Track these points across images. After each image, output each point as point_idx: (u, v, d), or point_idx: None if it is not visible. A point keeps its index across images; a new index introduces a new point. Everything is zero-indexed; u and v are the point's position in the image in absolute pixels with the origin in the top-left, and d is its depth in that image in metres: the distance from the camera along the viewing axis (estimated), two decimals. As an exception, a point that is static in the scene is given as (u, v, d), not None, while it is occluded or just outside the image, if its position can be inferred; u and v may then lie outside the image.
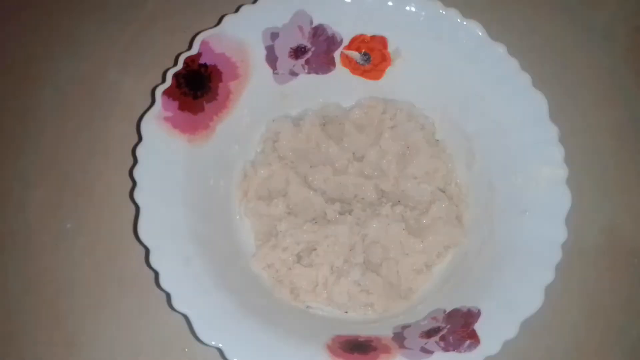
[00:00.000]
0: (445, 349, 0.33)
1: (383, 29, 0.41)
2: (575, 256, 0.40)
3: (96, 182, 0.43)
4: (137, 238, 0.34)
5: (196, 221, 0.36)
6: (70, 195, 0.43)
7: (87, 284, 0.41)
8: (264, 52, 0.40)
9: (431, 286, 0.39)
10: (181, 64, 0.37)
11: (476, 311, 0.34)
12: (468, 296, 0.35)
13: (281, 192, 0.41)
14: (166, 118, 0.36)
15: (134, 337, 0.40)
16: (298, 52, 0.40)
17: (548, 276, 0.33)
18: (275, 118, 0.43)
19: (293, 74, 0.41)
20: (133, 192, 0.34)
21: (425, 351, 0.33)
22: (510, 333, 0.32)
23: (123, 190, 0.41)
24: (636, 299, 0.42)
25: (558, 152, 0.36)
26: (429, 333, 0.34)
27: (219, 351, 0.32)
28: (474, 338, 0.33)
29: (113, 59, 0.47)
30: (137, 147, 0.35)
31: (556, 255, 0.34)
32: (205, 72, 0.38)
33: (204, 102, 0.38)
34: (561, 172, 0.36)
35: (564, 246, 0.34)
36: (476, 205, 0.40)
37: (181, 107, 0.37)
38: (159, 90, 0.36)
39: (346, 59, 0.42)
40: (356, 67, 0.42)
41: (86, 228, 0.42)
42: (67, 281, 0.41)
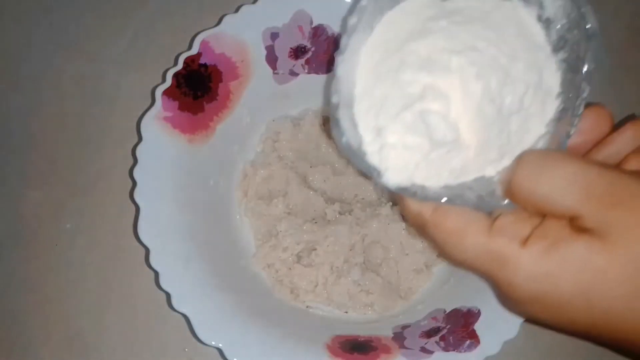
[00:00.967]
0: (445, 349, 0.33)
1: (383, 29, 0.41)
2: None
3: (96, 182, 0.43)
4: (137, 238, 0.34)
5: (196, 221, 0.36)
6: (69, 195, 0.43)
7: (87, 284, 0.41)
8: (264, 52, 0.39)
9: (431, 286, 0.39)
10: (181, 64, 0.37)
11: (476, 311, 0.34)
12: (468, 296, 0.35)
13: (281, 192, 0.41)
14: (166, 118, 0.36)
15: (134, 337, 0.40)
16: (298, 52, 0.40)
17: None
18: (275, 118, 0.43)
19: (293, 74, 0.41)
20: (133, 192, 0.34)
21: (425, 351, 0.33)
22: (510, 333, 0.32)
23: (123, 190, 0.41)
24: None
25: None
26: (429, 333, 0.34)
27: (219, 351, 0.32)
28: (474, 338, 0.33)
29: (113, 59, 0.47)
30: (137, 147, 0.35)
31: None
32: (205, 72, 0.38)
33: (204, 102, 0.38)
34: None
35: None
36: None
37: (181, 107, 0.37)
38: (159, 90, 0.36)
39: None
40: (356, 67, 0.42)
41: (86, 228, 0.42)
42: (67, 281, 0.41)
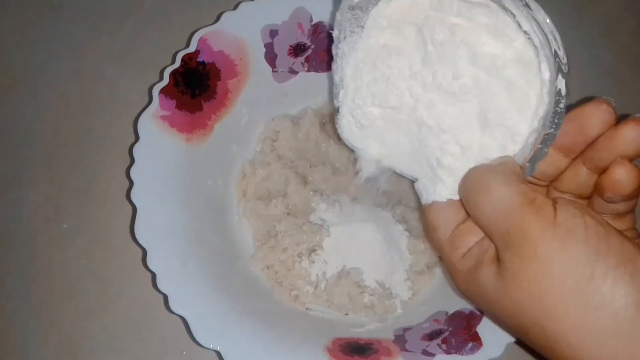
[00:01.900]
0: (447, 352, 0.32)
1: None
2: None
3: (93, 182, 0.43)
4: (134, 239, 0.33)
5: (194, 222, 0.36)
6: (66, 195, 0.42)
7: (84, 285, 0.40)
8: (263, 50, 0.39)
9: (433, 288, 0.39)
10: (179, 62, 0.36)
11: (478, 313, 0.34)
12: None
13: (280, 192, 0.41)
14: (163, 117, 0.36)
15: (132, 339, 0.39)
16: (297, 50, 0.40)
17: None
18: (274, 117, 0.43)
19: (292, 72, 0.41)
20: (130, 192, 0.34)
21: (427, 354, 0.33)
22: (512, 336, 0.32)
23: (120, 190, 0.41)
24: None
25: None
26: (431, 335, 0.34)
27: (217, 354, 0.31)
28: (477, 340, 0.32)
29: (110, 57, 0.46)
30: (134, 147, 0.35)
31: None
32: (203, 70, 0.37)
33: (202, 101, 0.38)
34: None
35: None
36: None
37: (179, 106, 0.36)
38: (156, 88, 0.36)
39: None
40: (356, 65, 0.42)
41: (83, 228, 0.42)
42: (64, 282, 0.40)
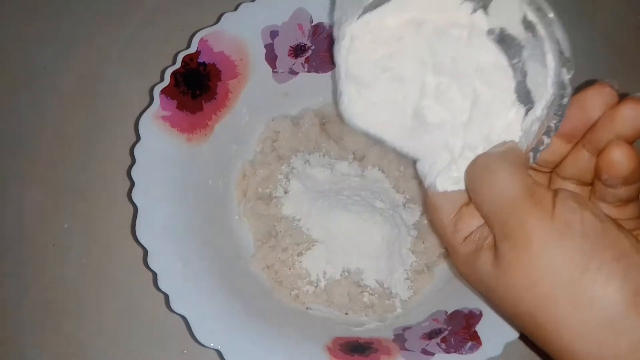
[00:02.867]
0: (446, 351, 0.33)
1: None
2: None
3: (94, 182, 0.43)
4: (135, 238, 0.33)
5: (194, 222, 0.36)
6: (67, 195, 0.42)
7: (85, 285, 0.40)
8: (263, 51, 0.39)
9: (432, 287, 0.39)
10: (180, 63, 0.37)
11: (478, 312, 0.34)
12: (469, 297, 0.35)
13: (280, 192, 0.41)
14: (164, 117, 0.36)
15: (132, 339, 0.39)
16: (298, 51, 0.40)
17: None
18: (274, 117, 0.43)
19: (293, 73, 0.41)
20: (131, 192, 0.34)
21: (426, 353, 0.33)
22: (512, 335, 0.32)
23: (121, 190, 0.41)
24: None
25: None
26: (430, 334, 0.34)
27: (218, 353, 0.31)
28: (476, 340, 0.32)
29: (111, 58, 0.46)
30: (135, 147, 0.35)
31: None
32: (204, 71, 0.37)
33: (203, 101, 0.38)
34: None
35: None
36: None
37: (180, 106, 0.36)
38: (157, 89, 0.36)
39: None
40: (356, 66, 0.42)
41: (84, 228, 0.42)
42: (65, 282, 0.40)
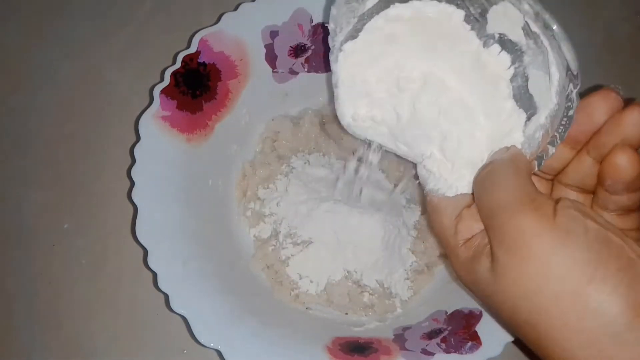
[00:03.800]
0: (446, 351, 0.32)
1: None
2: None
3: (94, 182, 0.43)
4: (135, 238, 0.33)
5: (195, 221, 0.36)
6: (68, 195, 0.42)
7: (85, 285, 0.40)
8: (263, 51, 0.39)
9: (432, 287, 0.39)
10: (180, 63, 0.37)
11: (478, 312, 0.34)
12: (469, 297, 0.35)
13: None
14: (164, 117, 0.36)
15: (132, 339, 0.39)
16: (298, 51, 0.40)
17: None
18: (274, 117, 0.43)
19: (293, 73, 0.41)
20: (131, 192, 0.34)
21: (426, 353, 0.33)
22: (512, 335, 0.32)
23: (121, 190, 0.41)
24: None
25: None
26: (430, 335, 0.34)
27: (218, 353, 0.31)
28: (476, 340, 0.32)
29: (111, 58, 0.46)
30: (135, 147, 0.35)
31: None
32: (204, 71, 0.37)
33: (203, 101, 0.38)
34: None
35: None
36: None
37: (180, 106, 0.37)
38: (157, 89, 0.36)
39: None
40: (356, 66, 0.42)
41: (84, 228, 0.42)
42: (65, 282, 0.40)
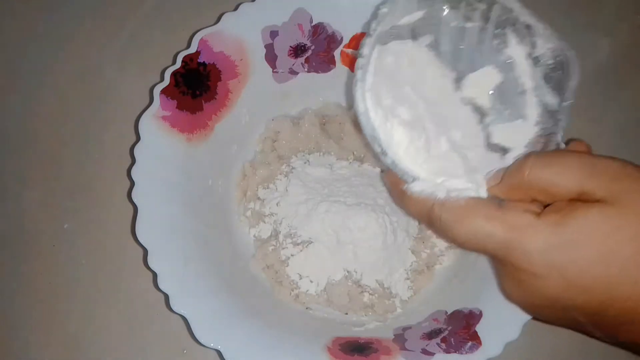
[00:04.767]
0: (446, 351, 0.33)
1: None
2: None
3: (94, 182, 0.43)
4: (135, 238, 0.33)
5: (195, 221, 0.36)
6: (67, 195, 0.42)
7: (85, 285, 0.40)
8: (264, 51, 0.39)
9: (432, 287, 0.39)
10: (180, 63, 0.37)
11: (478, 312, 0.34)
12: (469, 297, 0.35)
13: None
14: (164, 117, 0.36)
15: (133, 339, 0.39)
16: (298, 51, 0.40)
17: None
18: (274, 117, 0.43)
19: (293, 73, 0.41)
20: (131, 192, 0.34)
21: (426, 353, 0.33)
22: (512, 334, 0.32)
23: (121, 190, 0.41)
24: None
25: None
26: (430, 334, 0.34)
27: (218, 353, 0.31)
28: (476, 339, 0.32)
29: (111, 58, 0.46)
30: (135, 147, 0.35)
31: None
32: (204, 71, 0.37)
33: (203, 101, 0.38)
34: None
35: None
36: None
37: (180, 106, 0.37)
38: (157, 89, 0.36)
39: (346, 58, 0.42)
40: (356, 66, 0.42)
41: (84, 228, 0.42)
42: (65, 282, 0.40)
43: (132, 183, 0.34)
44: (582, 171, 0.25)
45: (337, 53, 0.41)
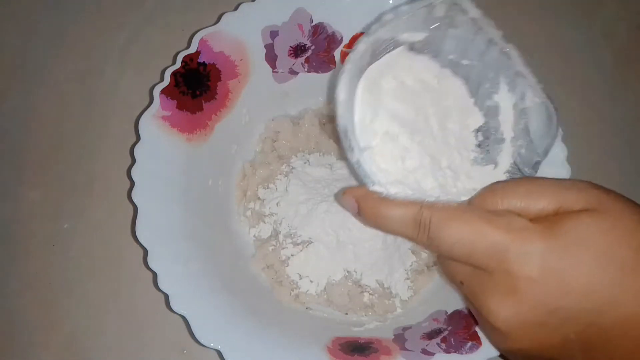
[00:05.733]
0: (446, 351, 0.32)
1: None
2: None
3: (94, 182, 0.43)
4: (135, 238, 0.33)
5: (195, 221, 0.36)
6: (67, 195, 0.42)
7: (85, 285, 0.40)
8: (264, 51, 0.39)
9: (432, 287, 0.39)
10: (179, 63, 0.37)
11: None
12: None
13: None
14: (164, 117, 0.36)
15: (133, 339, 0.39)
16: (298, 51, 0.40)
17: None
18: (274, 117, 0.43)
19: (293, 73, 0.41)
20: (131, 192, 0.34)
21: (426, 353, 0.33)
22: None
23: (121, 190, 0.41)
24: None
25: (561, 152, 0.36)
26: (430, 334, 0.34)
27: (218, 353, 0.31)
28: (476, 340, 0.32)
29: (111, 58, 0.46)
30: (135, 147, 0.35)
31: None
32: (204, 71, 0.37)
33: (203, 101, 0.38)
34: (564, 172, 0.36)
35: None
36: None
37: (180, 106, 0.37)
38: (157, 89, 0.36)
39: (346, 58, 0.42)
40: (356, 66, 0.42)
41: (84, 228, 0.42)
42: (65, 282, 0.40)
43: (132, 183, 0.34)
44: (555, 189, 0.25)
45: (337, 53, 0.41)
